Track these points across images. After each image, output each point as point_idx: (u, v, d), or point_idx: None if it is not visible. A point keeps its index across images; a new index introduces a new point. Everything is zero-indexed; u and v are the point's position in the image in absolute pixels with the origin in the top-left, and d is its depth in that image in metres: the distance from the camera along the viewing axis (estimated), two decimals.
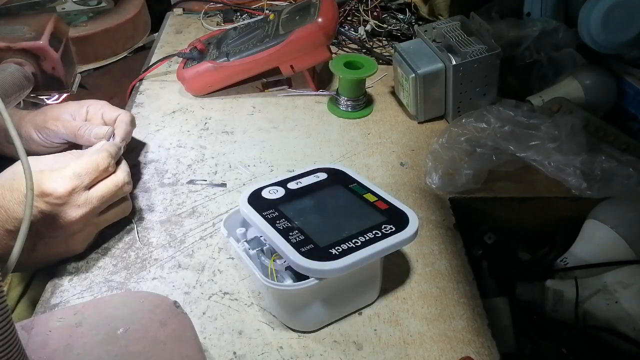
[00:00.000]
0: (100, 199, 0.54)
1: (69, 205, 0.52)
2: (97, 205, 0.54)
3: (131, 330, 0.43)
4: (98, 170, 0.54)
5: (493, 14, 0.93)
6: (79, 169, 0.53)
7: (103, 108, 0.67)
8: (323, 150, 0.75)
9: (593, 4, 0.75)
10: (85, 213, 0.53)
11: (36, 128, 0.65)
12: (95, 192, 0.54)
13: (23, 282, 0.68)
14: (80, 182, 0.52)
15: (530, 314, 0.64)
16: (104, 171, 0.55)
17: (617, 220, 0.63)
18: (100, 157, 0.55)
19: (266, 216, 0.51)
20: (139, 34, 0.61)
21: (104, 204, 0.56)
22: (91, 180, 0.54)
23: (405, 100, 0.83)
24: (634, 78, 0.80)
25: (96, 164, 0.54)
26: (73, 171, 0.52)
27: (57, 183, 0.51)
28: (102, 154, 0.56)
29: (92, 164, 0.54)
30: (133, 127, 0.68)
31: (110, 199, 0.56)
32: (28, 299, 0.67)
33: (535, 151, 0.65)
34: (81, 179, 0.52)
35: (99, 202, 0.54)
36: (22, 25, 0.50)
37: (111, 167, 0.56)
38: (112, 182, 0.56)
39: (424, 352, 0.50)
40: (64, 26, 0.53)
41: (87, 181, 0.53)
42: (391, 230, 0.49)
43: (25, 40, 0.48)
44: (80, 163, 0.54)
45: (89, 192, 0.54)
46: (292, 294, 0.48)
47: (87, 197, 0.53)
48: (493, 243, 0.69)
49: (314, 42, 0.79)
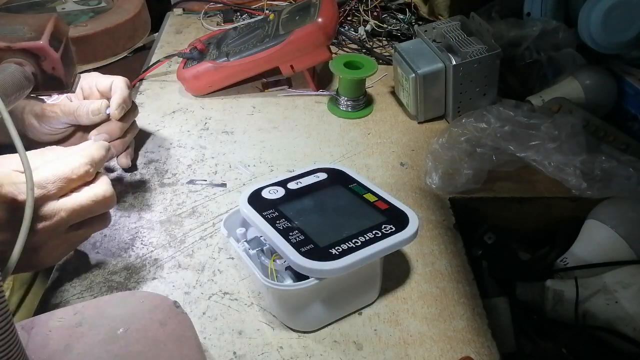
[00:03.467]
0: (70, 212, 0.47)
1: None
2: (66, 218, 0.47)
3: (131, 330, 0.43)
4: (71, 179, 0.47)
5: (493, 14, 0.93)
6: (48, 174, 0.46)
7: (95, 79, 0.63)
8: (323, 150, 0.75)
9: (593, 4, 0.75)
10: (49, 225, 0.46)
11: (37, 117, 0.61)
12: (64, 204, 0.47)
13: (24, 287, 0.68)
14: (45, 191, 0.45)
15: (530, 314, 0.64)
16: (78, 179, 0.48)
17: (617, 220, 0.63)
18: (77, 163, 0.48)
19: (266, 216, 0.51)
20: (139, 34, 0.61)
21: (77, 218, 0.48)
22: (59, 189, 0.47)
23: (405, 100, 0.83)
24: (634, 78, 0.80)
25: (70, 171, 0.47)
26: (40, 177, 0.46)
27: (19, 190, 0.44)
28: (79, 160, 0.49)
29: (66, 169, 0.47)
30: (130, 89, 0.64)
31: (85, 214, 0.49)
32: (29, 303, 0.67)
33: (535, 151, 0.65)
34: (47, 188, 0.46)
35: (69, 215, 0.47)
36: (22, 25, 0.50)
37: (89, 174, 0.49)
38: (88, 195, 0.48)
39: (424, 352, 0.50)
40: (64, 26, 0.53)
41: (54, 190, 0.46)
42: (391, 230, 0.49)
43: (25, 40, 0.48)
44: (52, 168, 0.47)
45: (57, 202, 0.46)
46: (292, 294, 0.48)
47: (54, 208, 0.46)
48: (493, 243, 0.69)
49: (314, 42, 0.79)
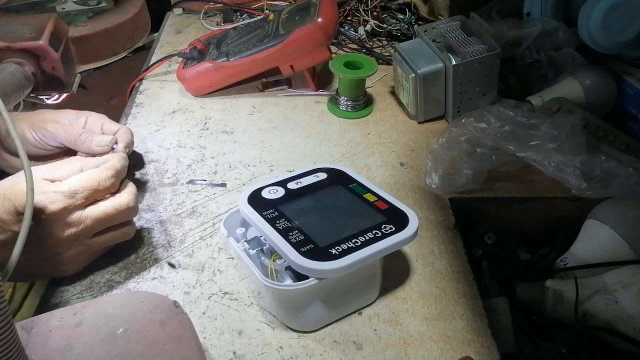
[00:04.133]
0: (95, 220, 0.50)
1: (58, 223, 0.48)
2: (91, 225, 0.50)
3: (131, 330, 0.43)
4: (97, 190, 0.50)
5: (493, 14, 0.93)
6: (75, 185, 0.49)
7: (103, 120, 0.64)
8: (323, 150, 0.75)
9: (593, 4, 0.75)
10: (75, 232, 0.49)
11: (32, 127, 0.61)
12: (91, 212, 0.50)
13: (25, 285, 0.68)
14: (73, 201, 0.48)
15: (530, 314, 0.64)
16: (104, 191, 0.51)
17: (617, 220, 0.63)
18: (103, 176, 0.51)
19: (266, 216, 0.51)
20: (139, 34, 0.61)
21: (100, 226, 0.51)
22: (86, 199, 0.49)
23: (405, 100, 0.83)
24: (634, 78, 0.80)
25: (97, 183, 0.50)
26: (69, 187, 0.49)
27: (49, 198, 0.47)
28: (105, 172, 0.51)
29: (92, 182, 0.50)
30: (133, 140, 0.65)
31: (109, 222, 0.52)
32: (32, 299, 0.67)
33: (535, 151, 0.65)
34: (75, 198, 0.48)
35: (94, 222, 0.50)
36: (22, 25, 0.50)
37: (113, 186, 0.52)
38: (112, 204, 0.51)
39: (424, 352, 0.50)
40: (64, 26, 0.53)
41: (82, 201, 0.49)
42: (391, 230, 0.49)
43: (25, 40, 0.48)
44: (79, 179, 0.50)
45: (83, 210, 0.49)
46: (292, 294, 0.48)
47: (80, 216, 0.49)
48: (493, 243, 0.69)
49: (314, 42, 0.79)
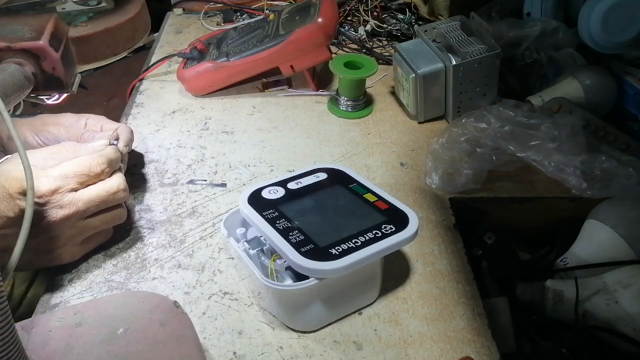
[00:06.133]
0: (87, 202, 0.51)
1: (51, 205, 0.49)
2: (83, 208, 0.51)
3: (131, 330, 0.43)
4: (89, 175, 0.52)
5: (493, 14, 0.93)
6: (67, 170, 0.50)
7: (102, 121, 0.65)
8: (323, 150, 0.75)
9: (593, 4, 0.75)
10: (68, 215, 0.50)
11: (34, 131, 0.63)
12: (82, 195, 0.51)
13: (26, 282, 0.68)
14: (65, 183, 0.50)
15: (530, 314, 0.64)
16: (95, 176, 0.52)
17: (617, 220, 0.63)
18: (95, 162, 0.52)
19: (266, 216, 0.51)
20: (139, 34, 0.61)
21: (92, 209, 0.52)
22: (79, 183, 0.51)
23: (405, 100, 0.83)
24: (634, 78, 0.80)
25: (88, 168, 0.52)
26: (60, 172, 0.50)
27: (41, 182, 0.48)
28: (97, 159, 0.53)
29: (84, 167, 0.51)
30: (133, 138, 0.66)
31: (100, 205, 0.53)
32: (31, 297, 0.67)
33: (535, 151, 0.65)
34: (67, 181, 0.50)
35: (86, 205, 0.51)
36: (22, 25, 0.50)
37: (104, 173, 0.53)
38: (103, 187, 0.53)
39: (424, 352, 0.50)
40: (64, 26, 0.53)
41: (73, 184, 0.50)
42: (391, 230, 0.49)
43: (25, 40, 0.48)
44: (71, 164, 0.51)
45: (75, 193, 0.51)
46: (292, 294, 0.48)
47: (72, 199, 0.50)
48: (493, 243, 0.69)
49: (314, 42, 0.79)
